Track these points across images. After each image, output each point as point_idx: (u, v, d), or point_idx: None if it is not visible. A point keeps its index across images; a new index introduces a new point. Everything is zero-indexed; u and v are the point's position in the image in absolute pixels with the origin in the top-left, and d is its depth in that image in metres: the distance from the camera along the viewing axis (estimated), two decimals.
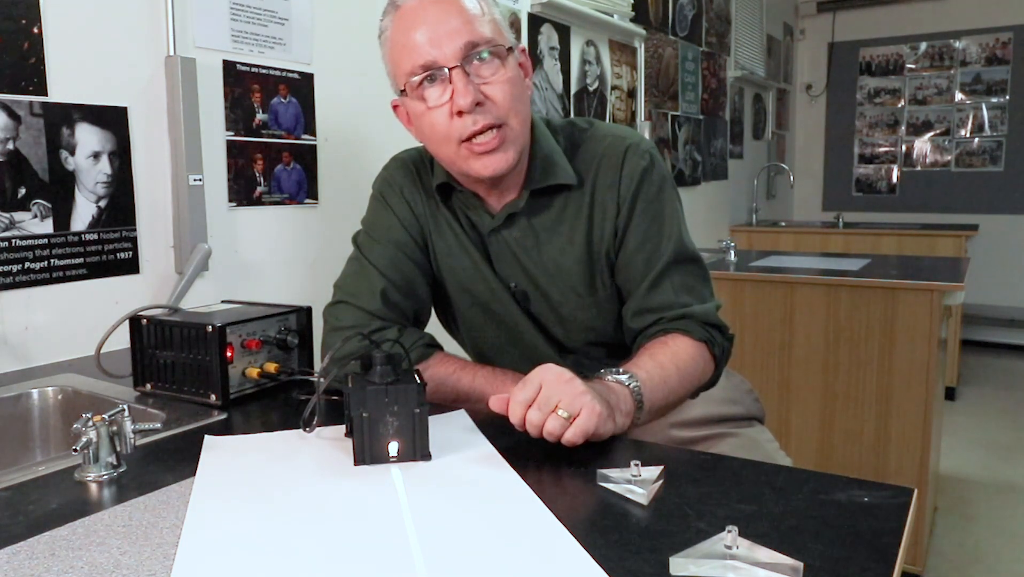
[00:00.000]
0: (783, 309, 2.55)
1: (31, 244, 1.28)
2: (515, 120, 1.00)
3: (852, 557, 0.61)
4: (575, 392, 0.82)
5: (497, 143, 0.99)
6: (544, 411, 0.82)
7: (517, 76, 1.02)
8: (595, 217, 1.08)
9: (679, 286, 1.06)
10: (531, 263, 1.10)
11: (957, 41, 5.11)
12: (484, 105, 0.97)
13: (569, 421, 0.81)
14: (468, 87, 0.96)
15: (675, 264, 1.07)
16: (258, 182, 1.65)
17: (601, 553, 0.62)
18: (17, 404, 1.13)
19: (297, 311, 1.17)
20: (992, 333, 4.96)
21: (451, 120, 0.98)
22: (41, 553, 0.64)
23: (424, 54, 0.97)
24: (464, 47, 0.96)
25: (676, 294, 1.06)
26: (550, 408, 0.81)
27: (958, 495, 2.84)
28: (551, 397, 0.82)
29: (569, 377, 0.84)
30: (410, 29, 0.98)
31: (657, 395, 0.95)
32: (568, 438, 0.81)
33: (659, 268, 1.06)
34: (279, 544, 0.65)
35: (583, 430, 0.81)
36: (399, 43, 0.99)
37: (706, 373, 1.06)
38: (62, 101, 1.30)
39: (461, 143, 0.99)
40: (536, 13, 2.55)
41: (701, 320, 1.05)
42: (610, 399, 0.87)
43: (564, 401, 0.81)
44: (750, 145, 4.73)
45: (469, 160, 1.01)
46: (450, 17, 0.97)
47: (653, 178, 1.08)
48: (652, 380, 0.94)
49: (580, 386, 0.83)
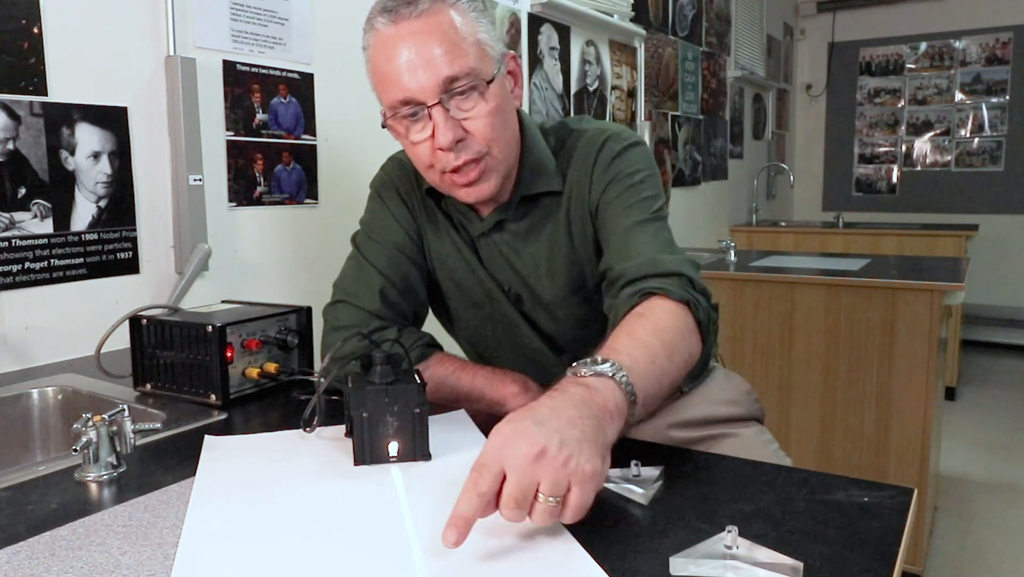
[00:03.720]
0: (783, 309, 2.55)
1: (31, 244, 1.28)
2: (497, 148, 0.99)
3: (852, 557, 0.61)
4: (554, 465, 0.61)
5: (477, 175, 0.98)
6: (523, 505, 0.61)
7: (500, 103, 0.98)
8: (572, 210, 1.08)
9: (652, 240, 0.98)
10: (521, 265, 1.11)
11: (957, 41, 5.11)
12: (465, 140, 0.96)
13: (559, 504, 0.62)
14: (448, 125, 0.93)
15: (649, 221, 1.01)
16: (258, 182, 1.65)
17: (601, 553, 0.62)
18: (17, 404, 1.13)
19: (297, 311, 1.17)
20: (992, 333, 4.96)
21: (433, 154, 0.97)
22: (41, 553, 0.64)
23: (403, 89, 0.93)
24: (443, 83, 0.92)
25: (648, 246, 0.97)
26: (528, 499, 0.61)
27: (958, 495, 2.84)
28: (523, 485, 0.61)
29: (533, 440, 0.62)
30: (390, 59, 0.94)
31: (649, 381, 0.77)
32: (567, 522, 0.64)
33: (632, 222, 1.00)
34: (279, 544, 0.65)
35: (581, 508, 0.63)
36: (380, 71, 0.96)
37: (693, 344, 0.88)
38: (62, 101, 1.30)
39: (444, 173, 0.99)
40: (536, 13, 2.55)
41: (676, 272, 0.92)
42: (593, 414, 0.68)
43: (545, 484, 0.61)
44: (750, 145, 4.73)
45: (452, 188, 1.01)
46: (430, 47, 0.92)
47: (628, 156, 1.05)
48: (638, 365, 0.76)
49: (553, 448, 0.62)
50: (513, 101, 1.03)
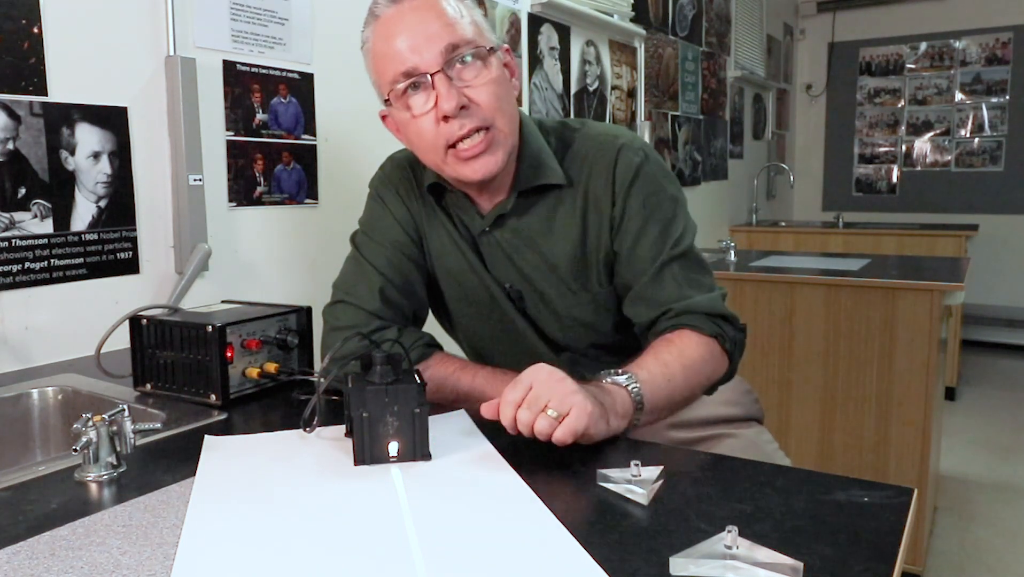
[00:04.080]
0: (783, 309, 2.55)
1: (31, 244, 1.28)
2: (502, 121, 0.99)
3: (852, 557, 0.61)
4: (565, 391, 0.81)
5: (484, 146, 0.98)
6: (533, 410, 0.81)
7: (502, 76, 1.01)
8: (589, 215, 1.08)
9: (682, 279, 1.05)
10: (523, 263, 1.10)
11: (957, 41, 5.11)
12: (469, 108, 0.96)
13: (558, 420, 0.80)
14: (451, 91, 0.95)
15: (678, 257, 1.05)
16: (258, 182, 1.65)
17: (601, 553, 0.62)
18: (17, 404, 1.13)
19: (297, 311, 1.17)
20: (992, 333, 4.96)
21: (437, 126, 0.97)
22: (41, 553, 0.64)
23: (405, 61, 0.96)
24: (445, 50, 0.95)
25: (679, 287, 1.04)
26: (539, 407, 0.81)
27: (958, 495, 2.84)
28: (540, 396, 0.81)
29: (560, 377, 0.83)
30: (390, 37, 0.96)
31: (659, 395, 0.93)
32: (557, 437, 0.80)
33: (661, 261, 1.04)
34: (279, 544, 0.65)
35: (572, 429, 0.80)
36: (380, 52, 0.98)
37: (718, 370, 1.03)
38: (62, 101, 1.30)
39: (448, 148, 0.99)
40: (536, 13, 2.55)
41: (707, 312, 1.03)
42: (604, 400, 0.86)
43: (554, 400, 0.81)
44: (750, 145, 4.73)
45: (457, 166, 1.00)
46: (429, 22, 0.95)
47: (648, 172, 1.06)
48: (654, 380, 0.92)
49: (571, 385, 0.82)
50: (511, 89, 1.04)
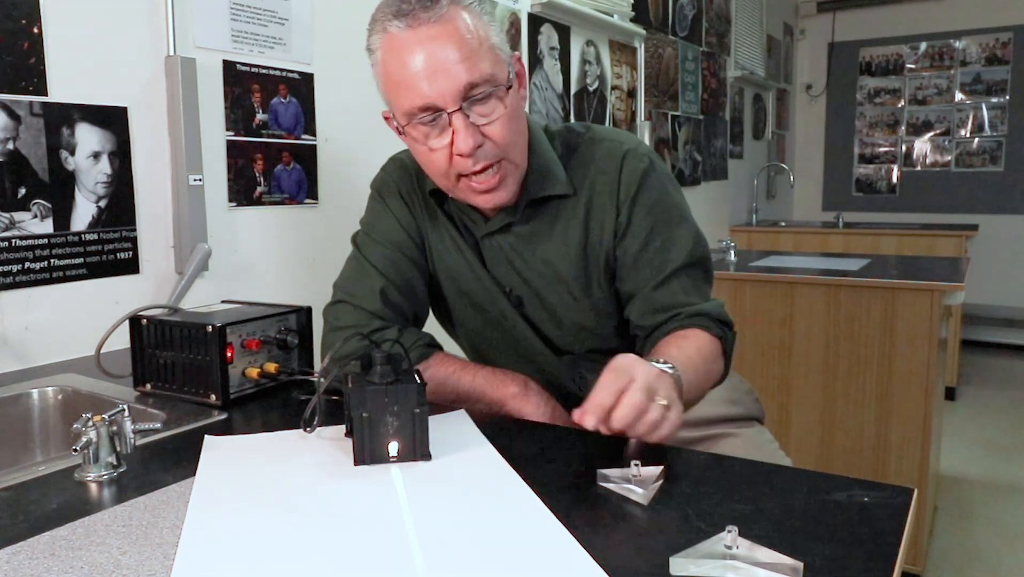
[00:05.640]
0: (783, 309, 2.55)
1: (31, 244, 1.28)
2: (514, 152, 1.00)
3: (852, 557, 0.61)
4: (669, 383, 0.82)
5: (497, 181, 0.99)
6: (649, 396, 0.78)
7: (516, 107, 0.99)
8: (592, 222, 1.08)
9: (689, 287, 1.07)
10: (525, 267, 1.10)
11: (957, 41, 5.11)
12: (484, 146, 0.96)
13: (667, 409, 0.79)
14: (469, 130, 0.94)
15: (685, 267, 1.07)
16: (258, 182, 1.65)
17: (601, 553, 0.62)
18: (17, 404, 1.13)
19: (297, 311, 1.17)
20: (992, 333, 4.96)
21: (450, 161, 0.97)
22: (41, 553, 0.64)
23: (423, 96, 0.93)
24: (463, 89, 0.92)
25: (687, 294, 1.06)
26: (652, 394, 0.79)
27: (958, 495, 2.84)
28: (651, 384, 0.79)
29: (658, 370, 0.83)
30: (406, 65, 0.93)
31: (690, 386, 0.92)
32: (662, 433, 0.79)
33: (669, 270, 1.06)
34: (279, 544, 0.65)
35: (675, 425, 0.80)
36: (394, 77, 0.95)
37: (720, 371, 1.06)
38: (62, 101, 1.30)
39: (460, 178, 0.99)
40: (536, 13, 2.55)
41: (715, 317, 1.05)
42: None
43: (662, 391, 0.80)
44: (750, 145, 4.73)
45: (468, 194, 1.01)
46: (447, 53, 0.91)
47: (653, 180, 1.07)
48: (686, 370, 0.92)
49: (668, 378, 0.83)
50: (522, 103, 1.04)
